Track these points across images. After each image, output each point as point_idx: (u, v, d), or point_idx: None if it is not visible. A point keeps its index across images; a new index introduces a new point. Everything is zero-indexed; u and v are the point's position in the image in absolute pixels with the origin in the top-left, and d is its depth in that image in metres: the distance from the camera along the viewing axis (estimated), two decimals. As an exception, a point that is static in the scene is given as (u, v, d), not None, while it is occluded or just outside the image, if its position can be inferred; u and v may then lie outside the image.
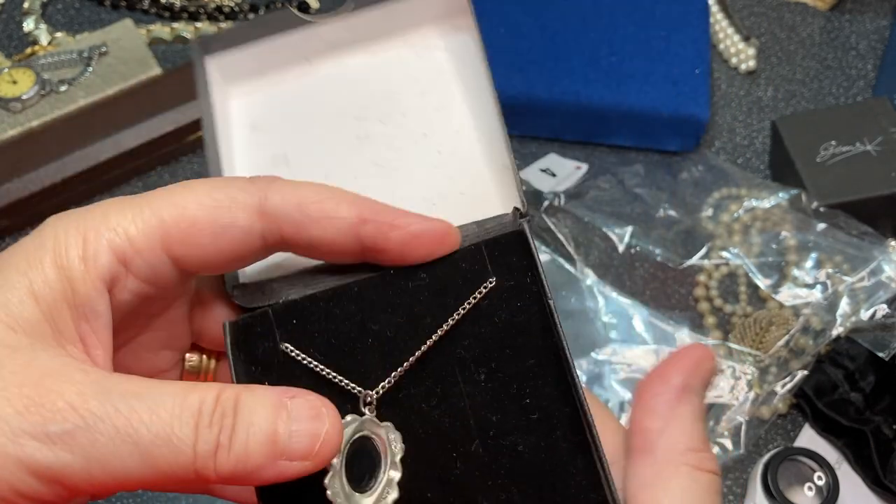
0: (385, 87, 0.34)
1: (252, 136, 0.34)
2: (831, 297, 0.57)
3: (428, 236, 0.29)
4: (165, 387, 0.24)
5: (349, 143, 0.34)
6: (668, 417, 0.30)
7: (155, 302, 0.29)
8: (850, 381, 0.56)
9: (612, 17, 0.70)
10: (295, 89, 0.34)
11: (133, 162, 0.66)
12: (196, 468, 0.23)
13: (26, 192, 0.63)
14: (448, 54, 0.35)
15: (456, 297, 0.29)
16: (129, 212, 0.26)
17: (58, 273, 0.25)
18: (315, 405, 0.25)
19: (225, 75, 0.34)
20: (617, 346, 0.57)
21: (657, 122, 0.66)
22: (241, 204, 0.27)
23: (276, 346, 0.29)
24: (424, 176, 0.33)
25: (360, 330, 0.29)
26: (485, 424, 0.28)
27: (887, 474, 0.52)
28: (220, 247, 0.27)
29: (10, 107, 0.66)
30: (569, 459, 0.28)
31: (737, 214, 0.63)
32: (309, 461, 0.24)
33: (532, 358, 0.29)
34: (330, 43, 0.34)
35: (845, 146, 0.62)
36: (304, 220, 0.27)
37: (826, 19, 0.78)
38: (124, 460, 0.23)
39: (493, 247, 0.30)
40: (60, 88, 0.68)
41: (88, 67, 0.69)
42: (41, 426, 0.22)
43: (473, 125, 0.34)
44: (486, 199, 0.32)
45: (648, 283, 0.61)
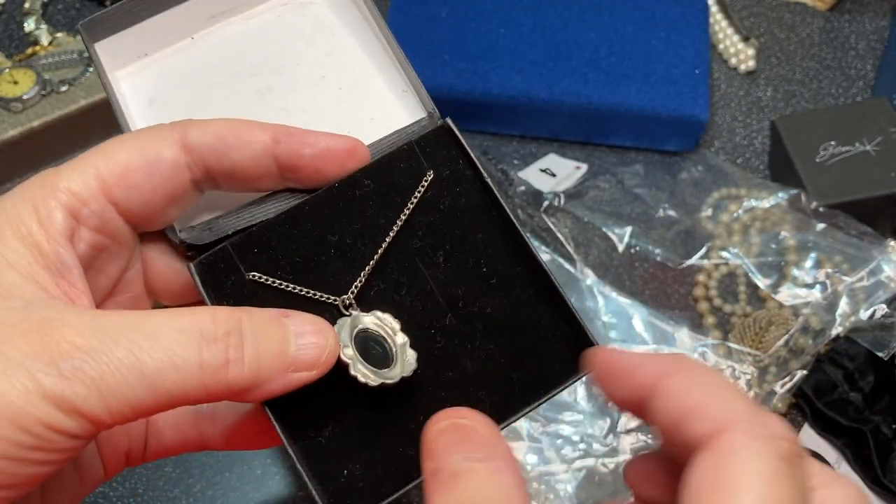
0: (272, 46, 0.36)
1: (151, 111, 0.35)
2: (831, 296, 0.57)
3: (338, 151, 0.31)
4: (158, 315, 0.26)
5: (251, 97, 0.35)
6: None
7: (112, 259, 0.30)
8: (850, 381, 0.56)
9: (611, 17, 0.70)
10: (183, 62, 0.36)
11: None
12: (204, 385, 0.25)
13: (27, 192, 0.64)
14: (325, 8, 0.37)
15: (401, 195, 0.32)
16: (65, 172, 0.28)
17: (22, 242, 0.27)
18: (314, 320, 0.28)
19: (113, 58, 0.35)
20: (616, 346, 0.57)
21: (657, 123, 0.66)
22: (164, 140, 0.29)
23: (243, 277, 0.31)
24: (332, 111, 0.35)
25: (320, 244, 0.32)
26: (452, 299, 0.32)
27: (887, 474, 0.52)
28: (154, 184, 0.29)
29: (11, 107, 0.66)
30: (532, 308, 0.32)
31: (736, 214, 0.63)
32: (315, 370, 0.27)
33: (480, 233, 0.32)
34: (209, 16, 0.36)
35: (845, 146, 0.62)
36: (223, 148, 0.30)
37: (825, 19, 0.78)
38: (134, 388, 0.24)
39: (424, 144, 0.33)
40: (61, 88, 0.68)
41: (89, 67, 0.69)
42: (52, 364, 0.24)
43: (367, 60, 0.36)
44: (396, 120, 0.35)
45: (648, 282, 0.61)
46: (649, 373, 0.26)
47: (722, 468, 0.22)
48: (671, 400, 0.25)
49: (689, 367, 0.25)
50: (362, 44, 0.36)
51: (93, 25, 0.34)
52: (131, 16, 0.35)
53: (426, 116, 0.34)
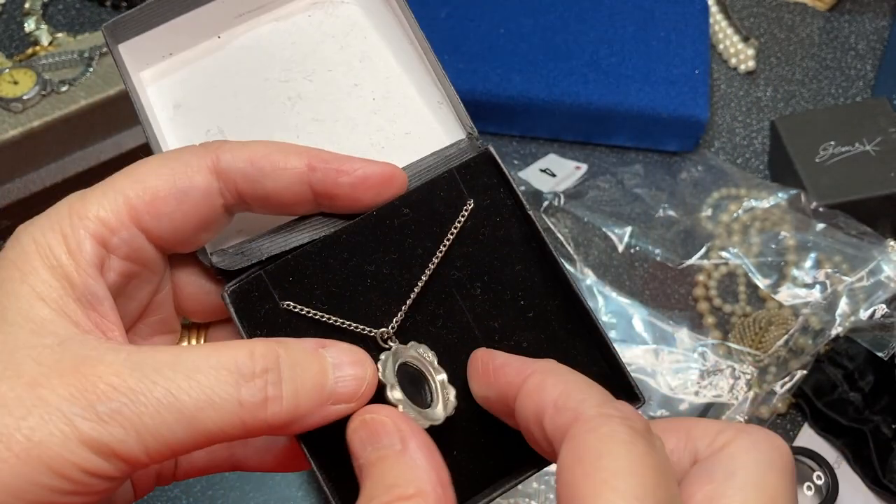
0: (302, 48, 0.35)
1: (178, 116, 0.34)
2: (830, 296, 0.57)
3: (375, 178, 0.30)
4: (194, 351, 0.25)
5: (282, 105, 0.34)
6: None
7: (142, 285, 0.30)
8: (850, 381, 0.56)
9: (611, 17, 0.70)
10: (211, 64, 0.35)
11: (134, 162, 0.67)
12: (244, 422, 0.25)
13: (27, 192, 0.63)
14: (356, 8, 0.36)
15: (440, 224, 0.31)
16: (93, 198, 0.28)
17: (52, 273, 0.26)
18: (353, 350, 0.27)
19: (138, 59, 0.34)
20: (616, 346, 0.57)
21: (657, 123, 0.66)
22: (196, 166, 0.28)
23: (278, 306, 0.30)
24: (365, 123, 0.34)
25: (356, 273, 0.31)
26: (489, 331, 0.31)
27: (886, 473, 0.52)
28: (185, 211, 0.28)
29: (11, 107, 0.66)
30: (569, 344, 0.31)
31: (736, 214, 0.63)
32: (353, 403, 0.27)
33: (518, 264, 0.31)
34: (237, 15, 0.35)
35: (844, 146, 0.62)
36: (256, 174, 0.29)
37: (825, 20, 0.78)
38: (172, 428, 0.24)
39: (465, 171, 0.32)
40: (61, 89, 0.68)
41: (89, 68, 0.69)
42: (90, 408, 0.23)
43: (401, 69, 0.35)
44: (431, 135, 0.34)
45: (648, 282, 0.61)
46: (510, 374, 0.27)
47: (584, 446, 0.23)
48: (531, 397, 0.26)
49: (548, 368, 0.26)
50: (396, 49, 0.35)
51: (116, 27, 0.33)
52: (156, 16, 0.33)
53: (465, 138, 0.33)
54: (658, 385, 0.56)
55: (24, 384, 0.24)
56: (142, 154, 0.70)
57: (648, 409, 0.55)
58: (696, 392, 0.55)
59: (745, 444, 0.25)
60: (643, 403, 0.30)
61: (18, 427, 0.23)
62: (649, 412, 0.55)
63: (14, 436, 0.23)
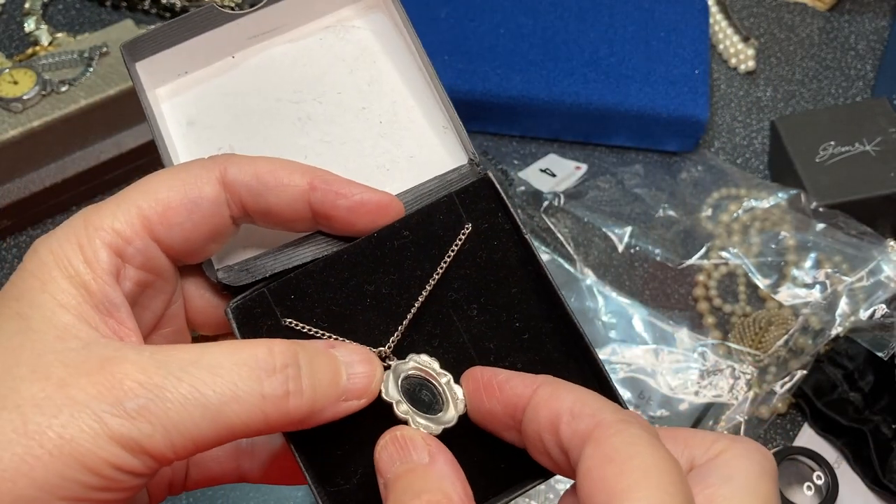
0: (313, 71, 0.36)
1: (191, 132, 0.35)
2: (830, 296, 0.57)
3: (371, 205, 0.31)
4: (216, 349, 0.26)
5: (292, 125, 0.35)
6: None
7: (156, 295, 0.31)
8: (849, 381, 0.56)
9: (611, 17, 0.70)
10: (224, 84, 0.36)
11: (134, 162, 0.67)
12: (266, 415, 0.26)
13: (27, 192, 0.63)
14: (367, 33, 0.37)
15: (439, 247, 0.32)
16: (107, 210, 0.29)
17: (70, 282, 0.27)
18: (361, 350, 0.29)
19: (153, 77, 0.35)
20: (616, 346, 0.57)
21: (657, 123, 0.66)
22: (205, 178, 0.29)
23: (279, 323, 0.31)
24: (372, 145, 0.35)
25: (356, 293, 0.32)
26: (484, 352, 0.32)
27: (886, 473, 0.52)
28: (196, 221, 0.29)
29: (11, 107, 0.66)
30: (562, 366, 0.32)
31: (736, 214, 0.63)
32: (363, 399, 0.28)
33: (514, 287, 0.32)
34: (250, 36, 0.36)
35: (844, 146, 0.62)
36: (260, 188, 0.30)
37: (825, 20, 0.78)
38: (197, 423, 0.25)
39: (464, 195, 0.33)
40: (61, 89, 0.68)
41: (89, 68, 0.69)
42: (118, 404, 0.24)
43: (408, 93, 0.36)
44: (435, 159, 0.35)
45: (648, 282, 0.61)
46: (518, 386, 0.28)
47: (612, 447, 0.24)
48: (543, 408, 0.27)
49: (555, 381, 0.28)
50: (403, 74, 0.36)
51: (134, 46, 0.34)
52: (173, 36, 0.34)
53: (467, 164, 0.34)
54: (658, 385, 0.56)
55: (53, 385, 0.24)
56: (141, 154, 0.70)
57: (648, 408, 0.55)
58: (695, 392, 0.55)
59: (738, 452, 0.26)
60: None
61: (50, 425, 0.24)
62: (649, 412, 0.55)
63: (46, 433, 0.24)
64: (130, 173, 0.67)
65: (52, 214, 0.66)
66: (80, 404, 0.24)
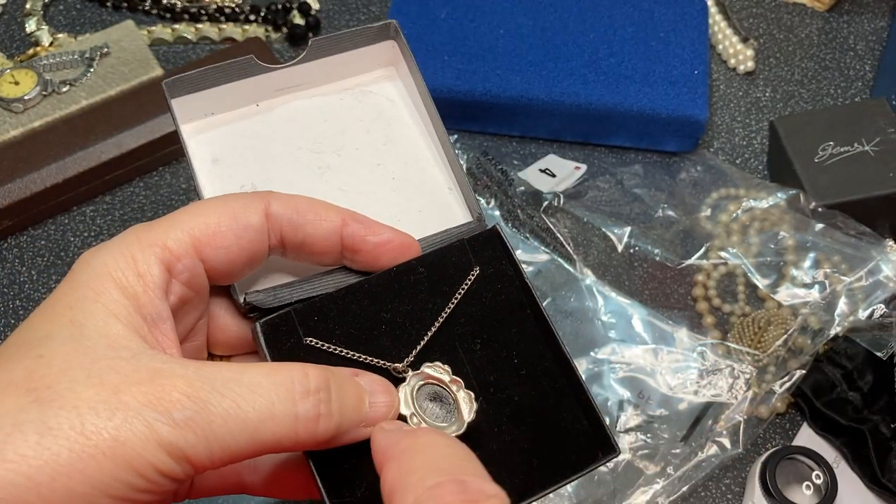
0: (333, 126, 0.40)
1: (215, 169, 0.38)
2: (829, 296, 0.57)
3: (395, 244, 0.35)
4: (254, 369, 0.28)
5: (312, 173, 0.38)
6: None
7: (190, 311, 0.33)
8: (849, 381, 0.56)
9: (611, 18, 0.70)
10: (247, 127, 0.39)
11: (135, 162, 0.67)
12: (297, 434, 0.28)
13: (28, 192, 0.64)
14: (384, 98, 0.41)
15: (449, 285, 0.36)
16: (160, 229, 0.31)
17: (122, 293, 0.29)
18: (382, 380, 0.31)
19: (182, 114, 0.38)
20: (616, 346, 0.57)
21: (656, 123, 0.66)
22: (254, 208, 0.32)
23: (301, 341, 0.33)
24: (385, 198, 0.39)
25: (374, 319, 0.34)
26: (485, 384, 0.34)
27: (885, 473, 0.52)
28: (241, 246, 0.32)
29: (12, 107, 0.67)
30: (556, 401, 0.35)
31: (735, 214, 0.63)
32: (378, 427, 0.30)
33: (514, 327, 0.36)
34: (276, 89, 0.39)
35: (843, 146, 0.62)
36: (300, 221, 0.33)
37: (824, 20, 0.78)
38: (236, 437, 0.27)
39: (475, 243, 0.37)
40: (62, 89, 0.68)
41: (90, 68, 0.69)
42: (167, 414, 0.26)
43: (419, 155, 0.40)
44: (441, 215, 0.39)
45: (647, 282, 0.61)
46: (378, 450, 0.29)
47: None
48: (383, 478, 0.28)
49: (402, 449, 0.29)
50: (416, 138, 0.40)
51: (174, 84, 0.37)
52: (210, 80, 0.37)
53: (475, 220, 0.38)
54: (657, 384, 0.56)
55: (108, 390, 0.26)
56: (142, 154, 0.70)
57: (648, 408, 0.55)
58: (695, 391, 0.56)
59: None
60: (618, 454, 0.34)
61: (105, 427, 0.25)
62: (648, 412, 0.55)
63: (102, 434, 0.25)
64: (131, 173, 0.67)
65: (53, 214, 0.66)
66: (132, 410, 0.26)
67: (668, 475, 0.53)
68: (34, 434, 0.25)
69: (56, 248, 0.64)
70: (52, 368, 0.26)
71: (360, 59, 0.40)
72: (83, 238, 0.65)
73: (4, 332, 0.61)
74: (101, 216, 0.66)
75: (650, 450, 0.54)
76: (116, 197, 0.67)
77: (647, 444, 0.54)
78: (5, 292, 0.62)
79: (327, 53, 0.39)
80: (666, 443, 0.54)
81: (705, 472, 0.54)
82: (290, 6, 0.77)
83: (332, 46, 0.39)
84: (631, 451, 0.54)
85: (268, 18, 0.76)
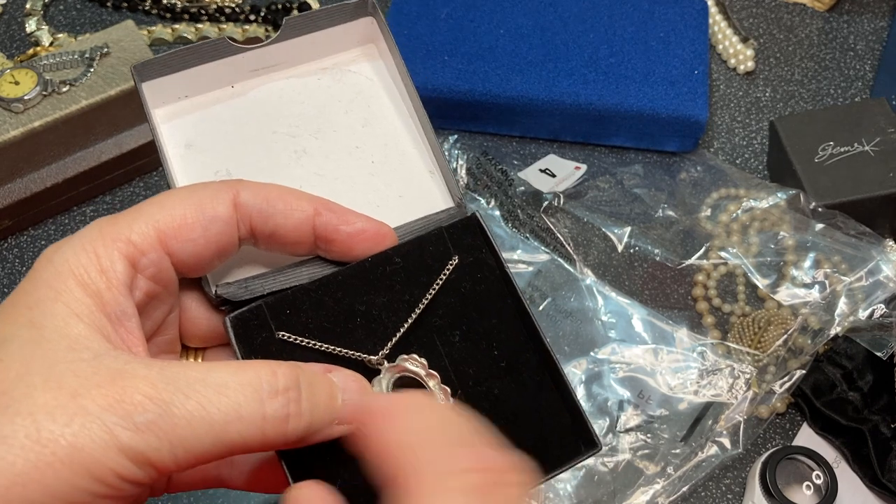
0: (311, 108, 0.38)
1: (188, 154, 0.36)
2: (829, 296, 0.57)
3: (369, 233, 0.33)
4: (221, 368, 0.27)
5: (289, 157, 0.37)
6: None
7: (158, 305, 0.31)
8: (849, 381, 0.56)
9: (611, 18, 0.70)
10: (223, 111, 0.38)
11: (135, 162, 0.67)
12: (265, 435, 0.27)
13: (28, 192, 0.64)
14: (363, 78, 0.39)
15: (427, 275, 0.34)
16: (124, 222, 0.29)
17: (85, 290, 0.28)
18: (355, 376, 0.30)
19: (155, 98, 0.37)
20: (616, 346, 0.57)
21: (656, 123, 0.66)
22: (221, 199, 0.31)
23: (273, 336, 0.32)
24: (363, 183, 0.37)
25: (348, 312, 0.33)
26: (464, 376, 0.33)
27: (885, 473, 0.52)
28: (208, 238, 0.31)
29: (12, 107, 0.67)
30: (537, 394, 0.34)
31: (735, 214, 0.63)
32: (354, 424, 0.29)
33: (494, 318, 0.34)
34: (252, 69, 0.38)
35: (843, 146, 0.62)
36: (270, 211, 0.32)
37: (824, 20, 0.78)
38: (201, 439, 0.26)
39: (453, 231, 0.35)
40: (62, 89, 0.68)
41: (90, 68, 0.69)
42: (128, 418, 0.25)
43: (399, 137, 0.38)
44: (422, 200, 0.37)
45: (647, 282, 0.61)
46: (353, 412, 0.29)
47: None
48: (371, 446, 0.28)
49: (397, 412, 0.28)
50: (396, 119, 0.38)
51: (144, 67, 0.35)
52: (180, 62, 0.36)
53: (455, 206, 0.36)
54: (657, 384, 0.56)
55: (66, 395, 0.25)
56: (142, 154, 0.70)
57: (648, 408, 0.55)
58: (695, 391, 0.56)
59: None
60: (600, 450, 0.33)
61: (63, 434, 0.24)
62: (648, 411, 0.55)
63: (59, 441, 0.24)
64: (131, 173, 0.67)
65: (53, 214, 0.66)
66: (91, 415, 0.25)
67: (668, 475, 0.53)
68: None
69: (56, 248, 0.65)
70: (10, 373, 0.25)
71: (337, 37, 0.38)
72: (83, 238, 0.65)
73: (4, 332, 0.61)
74: (102, 216, 0.66)
75: (650, 450, 0.54)
76: (116, 197, 0.67)
77: (647, 444, 0.54)
78: (5, 292, 0.62)
79: (303, 32, 0.37)
80: (666, 443, 0.54)
81: (705, 472, 0.54)
82: (290, 6, 0.77)
83: (308, 24, 0.37)
84: (631, 451, 0.54)
85: (268, 18, 0.76)
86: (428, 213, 0.36)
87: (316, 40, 0.38)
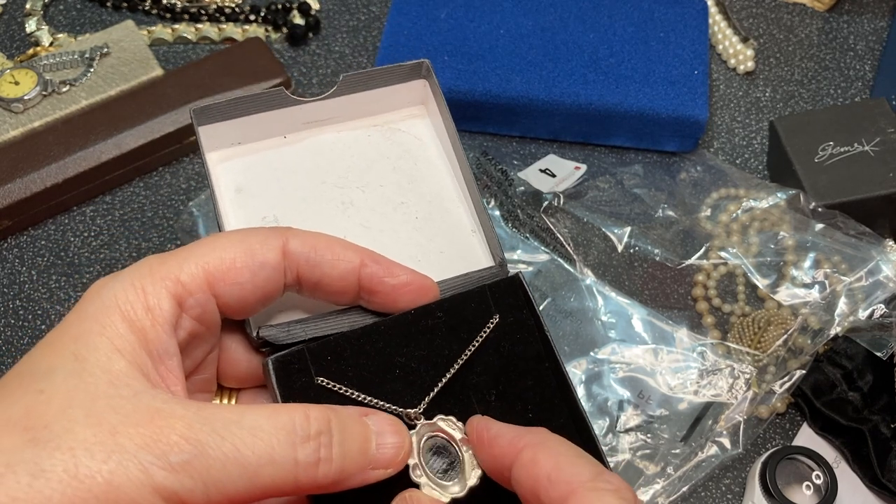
0: (359, 162, 0.39)
1: (238, 198, 0.37)
2: (829, 296, 0.57)
3: (414, 286, 0.34)
4: (256, 411, 0.27)
5: (335, 208, 0.38)
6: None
7: (200, 345, 0.32)
8: (848, 381, 0.56)
9: (611, 18, 0.70)
10: (274, 158, 0.38)
11: (135, 162, 0.67)
12: (297, 480, 0.27)
13: (28, 192, 0.64)
14: (412, 136, 0.40)
15: (467, 332, 0.34)
16: (175, 262, 0.30)
17: (129, 326, 0.28)
18: (392, 420, 0.30)
19: (210, 142, 0.37)
20: (616, 346, 0.57)
21: (656, 123, 0.66)
22: (271, 245, 0.31)
23: (312, 381, 0.32)
24: (407, 237, 0.38)
25: (388, 363, 0.33)
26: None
27: (885, 473, 0.52)
28: (256, 283, 0.31)
29: (12, 107, 0.67)
30: None
31: (735, 214, 0.63)
32: (391, 468, 0.29)
33: (531, 380, 0.34)
34: (305, 122, 0.39)
35: (843, 146, 0.62)
36: (317, 260, 0.32)
37: (824, 20, 0.78)
38: (234, 481, 0.26)
39: (495, 289, 0.36)
40: (62, 89, 0.68)
41: (90, 68, 0.69)
42: (164, 457, 0.25)
43: (444, 195, 0.39)
44: (463, 257, 0.38)
45: (647, 282, 0.61)
46: (505, 444, 0.29)
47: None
48: (525, 471, 0.28)
49: (539, 441, 0.29)
50: (441, 178, 0.39)
51: (202, 112, 0.36)
52: (237, 110, 0.37)
53: (496, 265, 0.37)
54: (657, 384, 0.56)
55: (105, 431, 0.25)
56: (142, 155, 0.70)
57: (648, 408, 0.55)
58: (695, 391, 0.56)
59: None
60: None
61: (100, 470, 0.25)
62: (648, 412, 0.55)
63: (95, 478, 0.25)
64: (131, 173, 0.67)
65: (53, 215, 0.66)
66: (128, 453, 0.25)
67: (668, 475, 0.53)
68: (27, 476, 0.24)
69: (56, 248, 0.64)
70: (52, 406, 0.26)
71: (390, 97, 0.40)
72: (83, 238, 0.65)
73: (4, 331, 0.61)
74: (101, 216, 0.66)
75: (650, 450, 0.54)
76: (116, 197, 0.67)
77: (647, 444, 0.54)
78: (5, 292, 0.62)
79: (358, 89, 0.39)
80: (666, 443, 0.54)
81: (705, 472, 0.54)
82: (290, 6, 0.77)
83: (364, 82, 0.39)
84: (631, 451, 0.54)
85: (268, 18, 0.76)
86: (468, 270, 0.37)
87: (370, 98, 0.39)
